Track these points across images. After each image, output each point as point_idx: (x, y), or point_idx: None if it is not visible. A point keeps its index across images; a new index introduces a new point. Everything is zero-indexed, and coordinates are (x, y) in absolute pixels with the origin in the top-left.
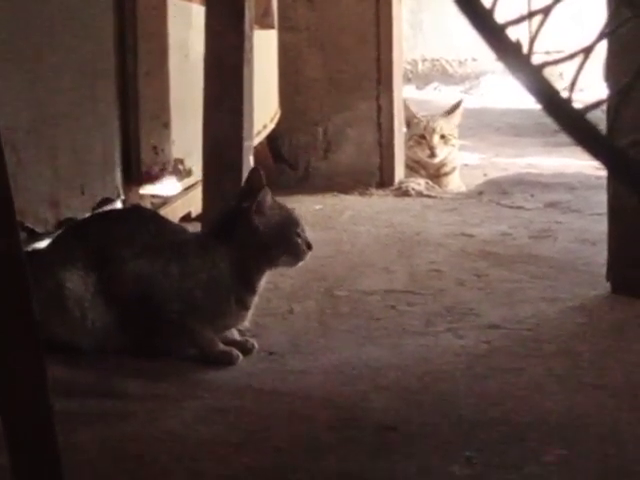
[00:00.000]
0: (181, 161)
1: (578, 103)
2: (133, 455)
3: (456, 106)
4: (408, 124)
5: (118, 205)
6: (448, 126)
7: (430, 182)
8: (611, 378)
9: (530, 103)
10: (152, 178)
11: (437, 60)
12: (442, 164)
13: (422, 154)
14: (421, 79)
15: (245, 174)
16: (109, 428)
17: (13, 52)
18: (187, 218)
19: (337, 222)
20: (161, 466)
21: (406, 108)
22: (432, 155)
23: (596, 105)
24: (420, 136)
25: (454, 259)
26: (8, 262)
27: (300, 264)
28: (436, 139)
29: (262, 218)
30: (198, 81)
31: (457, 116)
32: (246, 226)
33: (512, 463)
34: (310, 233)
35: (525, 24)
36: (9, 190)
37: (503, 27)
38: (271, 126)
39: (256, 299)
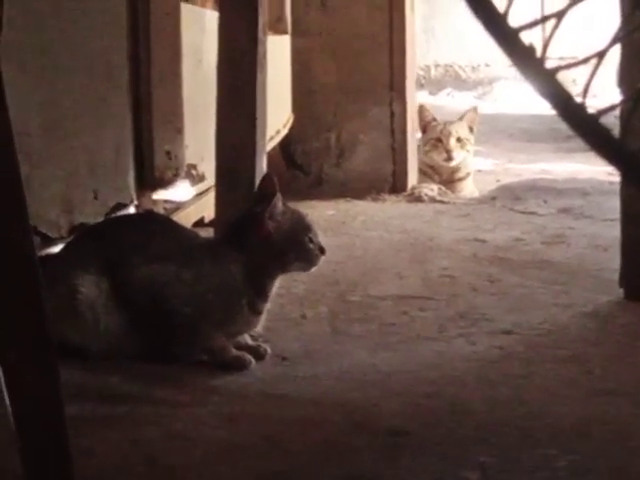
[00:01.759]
0: (194, 166)
1: (591, 109)
2: (145, 460)
3: (470, 110)
4: (425, 129)
5: (131, 210)
6: (464, 130)
7: (443, 187)
8: (624, 384)
9: (543, 109)
10: (165, 183)
11: (450, 66)
12: (456, 169)
13: (438, 158)
14: (434, 85)
15: (258, 180)
16: (121, 432)
17: (26, 57)
18: (200, 223)
19: (350, 227)
20: (173, 471)
21: (425, 113)
22: (449, 158)
23: (610, 109)
24: (436, 139)
25: (467, 264)
26: (21, 267)
27: (313, 269)
28: (452, 142)
29: (275, 224)
30: (211, 86)
31: (471, 119)
32: (259, 232)
33: (524, 469)
34: (323, 238)
35: (538, 29)
36: (23, 195)
37: (517, 31)
38: (284, 132)
39: (268, 304)
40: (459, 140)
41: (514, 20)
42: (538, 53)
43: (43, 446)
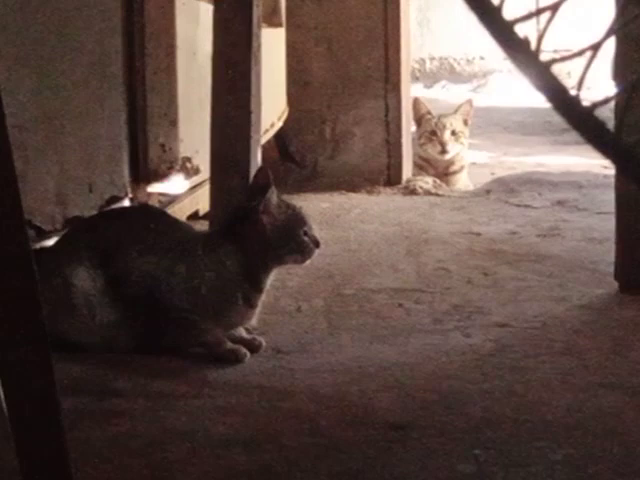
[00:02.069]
0: (189, 159)
1: (586, 101)
2: (141, 453)
3: (465, 103)
4: (419, 122)
5: (126, 203)
6: (458, 123)
7: (438, 180)
8: (619, 377)
9: (538, 102)
10: (160, 176)
11: (445, 59)
12: (451, 162)
13: (433, 151)
14: (429, 78)
15: (253, 173)
16: (117, 426)
17: (21, 50)
18: (195, 216)
19: (345, 220)
20: (169, 464)
21: (420, 106)
22: (443, 151)
23: (604, 102)
24: (431, 132)
25: (462, 257)
26: (16, 260)
27: (308, 262)
28: (447, 135)
29: (269, 217)
30: (206, 79)
31: (466, 112)
32: (253, 225)
33: (519, 462)
34: (317, 231)
35: (533, 21)
36: (17, 188)
37: (512, 24)
38: (279, 124)
39: (263, 297)
40: (454, 133)
41: (509, 13)
42: (533, 46)
43: (40, 440)
